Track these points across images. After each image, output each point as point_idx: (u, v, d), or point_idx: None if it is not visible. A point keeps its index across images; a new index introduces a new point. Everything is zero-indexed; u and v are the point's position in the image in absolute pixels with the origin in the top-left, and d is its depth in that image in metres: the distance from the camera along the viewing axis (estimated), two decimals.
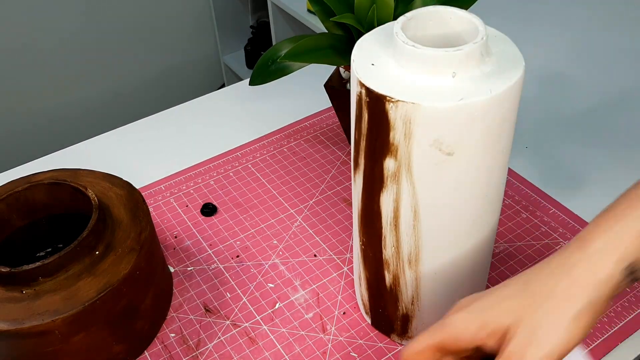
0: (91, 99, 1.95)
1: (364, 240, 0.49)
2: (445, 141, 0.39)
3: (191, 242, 0.65)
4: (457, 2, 0.65)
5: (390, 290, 0.50)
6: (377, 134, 0.41)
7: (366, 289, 0.53)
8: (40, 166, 0.76)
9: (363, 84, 0.40)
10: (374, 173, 0.43)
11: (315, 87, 0.86)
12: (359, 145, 0.44)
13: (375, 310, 0.54)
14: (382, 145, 0.41)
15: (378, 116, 0.40)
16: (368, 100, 0.40)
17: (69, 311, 0.45)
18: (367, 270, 0.51)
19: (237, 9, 2.08)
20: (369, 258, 0.49)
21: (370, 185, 0.45)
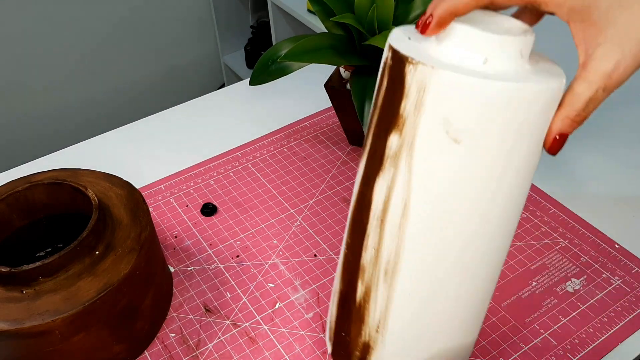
0: (91, 99, 1.95)
1: (349, 241, 0.44)
2: (455, 123, 0.35)
3: (191, 242, 0.65)
4: None
5: (359, 307, 0.44)
6: (390, 102, 0.38)
7: (336, 306, 0.48)
8: (40, 166, 0.76)
9: (392, 46, 0.37)
10: (377, 151, 0.40)
11: (315, 87, 0.86)
12: (371, 121, 0.41)
13: (338, 334, 0.48)
14: (391, 117, 0.38)
15: (396, 81, 0.37)
16: (391, 64, 0.37)
17: (69, 311, 0.45)
18: (342, 280, 0.46)
19: (237, 9, 2.08)
20: (348, 264, 0.45)
21: (369, 168, 0.41)
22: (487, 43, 0.36)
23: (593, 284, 0.58)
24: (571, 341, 0.54)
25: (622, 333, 0.54)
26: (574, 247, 0.62)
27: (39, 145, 1.90)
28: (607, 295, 0.57)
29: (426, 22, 0.37)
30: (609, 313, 0.56)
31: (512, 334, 0.54)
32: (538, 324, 0.55)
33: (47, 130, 1.92)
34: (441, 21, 0.36)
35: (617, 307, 0.56)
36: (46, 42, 1.77)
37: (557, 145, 0.37)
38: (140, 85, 2.03)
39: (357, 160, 0.74)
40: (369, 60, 0.67)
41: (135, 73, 2.00)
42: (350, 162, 0.74)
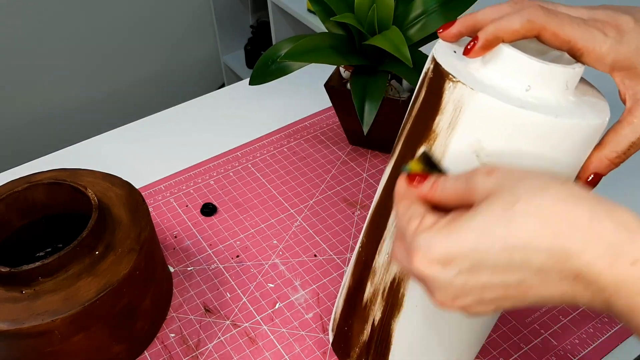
0: (91, 99, 1.95)
1: (364, 241, 0.46)
2: (487, 147, 0.35)
3: (191, 242, 0.65)
4: (458, 2, 0.65)
5: (365, 307, 0.45)
6: (425, 115, 0.38)
7: (344, 300, 0.49)
8: (40, 166, 0.76)
9: (435, 59, 0.37)
10: (404, 161, 0.40)
11: (315, 87, 0.86)
12: (403, 130, 0.41)
13: (340, 328, 0.50)
14: (423, 129, 0.38)
15: (434, 95, 0.37)
16: (432, 76, 0.37)
17: (69, 311, 0.45)
18: (353, 277, 0.47)
19: (237, 9, 2.08)
20: (360, 263, 0.46)
21: (395, 176, 0.41)
22: (533, 70, 0.35)
23: None
24: (571, 341, 0.54)
25: (622, 333, 0.54)
26: None
27: (39, 145, 1.90)
28: None
29: (471, 43, 0.37)
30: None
31: (512, 334, 0.54)
32: (538, 324, 0.55)
33: (47, 130, 1.91)
34: (486, 44, 0.36)
35: None
36: (46, 42, 1.77)
37: (591, 184, 0.38)
38: (140, 85, 2.03)
39: (357, 160, 0.74)
40: (369, 60, 0.67)
41: (135, 73, 2.00)
42: (350, 162, 0.74)
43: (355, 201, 0.69)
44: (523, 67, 0.35)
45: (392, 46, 0.61)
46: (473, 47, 0.36)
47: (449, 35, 0.39)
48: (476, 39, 0.36)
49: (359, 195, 0.69)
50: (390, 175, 0.42)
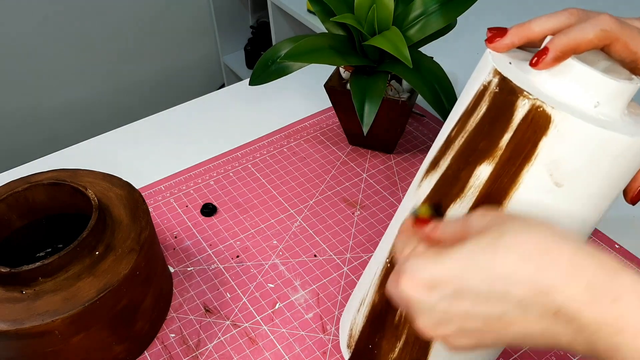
0: (91, 98, 1.95)
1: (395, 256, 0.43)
2: (564, 167, 0.34)
3: (191, 242, 0.65)
4: (458, 2, 0.65)
5: (397, 325, 0.44)
6: (487, 131, 0.36)
7: (365, 316, 0.46)
8: (40, 166, 0.76)
9: (499, 72, 0.35)
10: (457, 178, 0.38)
11: (315, 87, 0.86)
12: (451, 143, 0.39)
13: (363, 346, 0.47)
14: (486, 148, 0.36)
15: (502, 111, 0.35)
16: (497, 91, 0.35)
17: (69, 311, 0.45)
18: (379, 293, 0.44)
19: (237, 9, 2.07)
20: None
21: (442, 188, 0.39)
22: (604, 87, 0.34)
23: None
24: None
25: None
26: None
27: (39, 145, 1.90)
28: None
29: (541, 55, 0.36)
30: None
31: None
32: None
33: (47, 130, 1.91)
34: (560, 55, 0.35)
35: None
36: (47, 42, 1.77)
37: (638, 198, 0.38)
38: (140, 85, 2.03)
39: (357, 161, 0.74)
40: (369, 60, 0.67)
41: (136, 73, 2.00)
42: (350, 162, 0.74)
43: (355, 201, 0.69)
44: (594, 83, 0.34)
45: (392, 46, 0.61)
46: (543, 58, 0.35)
47: (501, 46, 0.38)
48: (546, 50, 0.35)
49: (359, 195, 0.69)
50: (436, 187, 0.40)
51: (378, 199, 0.68)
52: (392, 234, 0.44)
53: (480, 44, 0.95)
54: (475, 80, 0.38)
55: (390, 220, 0.66)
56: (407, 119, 0.74)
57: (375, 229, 0.65)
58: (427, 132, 0.78)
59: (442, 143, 0.40)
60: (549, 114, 0.33)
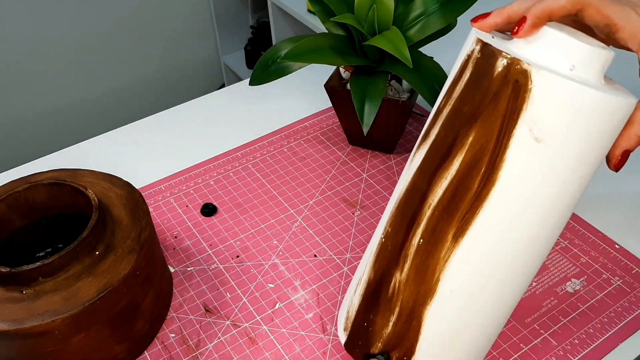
0: (91, 99, 1.95)
1: (389, 230, 0.44)
2: (541, 122, 0.36)
3: (191, 242, 0.65)
4: (458, 2, 0.65)
5: (390, 298, 0.44)
6: (471, 96, 0.39)
7: (361, 295, 0.47)
8: (40, 166, 0.76)
9: (481, 40, 0.38)
10: (444, 143, 0.40)
11: (315, 87, 0.86)
12: (439, 113, 0.41)
13: (358, 325, 0.47)
14: (470, 111, 0.39)
15: (481, 75, 0.38)
16: (479, 56, 0.38)
17: (69, 311, 0.45)
18: (374, 269, 0.46)
19: (237, 9, 2.08)
20: (385, 252, 0.44)
21: (432, 159, 0.41)
22: (578, 51, 0.37)
23: (593, 285, 0.58)
24: (571, 341, 0.54)
25: (622, 333, 0.54)
26: (574, 248, 0.62)
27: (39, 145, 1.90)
28: (607, 296, 0.57)
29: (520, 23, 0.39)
30: (609, 313, 0.56)
31: (512, 334, 0.54)
32: (538, 324, 0.55)
33: (47, 130, 1.91)
34: (537, 22, 0.38)
35: (617, 308, 0.56)
36: (46, 42, 1.77)
37: (622, 162, 0.40)
38: (140, 85, 2.03)
39: (357, 161, 0.74)
40: (369, 60, 0.67)
41: (136, 73, 2.00)
42: (350, 162, 0.74)
43: (355, 201, 0.69)
44: (569, 47, 0.37)
45: (392, 46, 0.61)
46: (522, 26, 0.39)
47: (485, 26, 0.41)
48: (524, 18, 0.39)
49: (359, 195, 0.69)
50: (426, 157, 0.42)
51: (378, 199, 0.69)
52: (387, 215, 0.45)
53: None
54: (461, 55, 0.41)
55: None
56: (407, 119, 0.74)
57: (375, 228, 0.65)
58: None
59: (433, 114, 0.42)
60: (526, 70, 0.36)
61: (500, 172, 0.38)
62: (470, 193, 0.39)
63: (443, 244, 0.41)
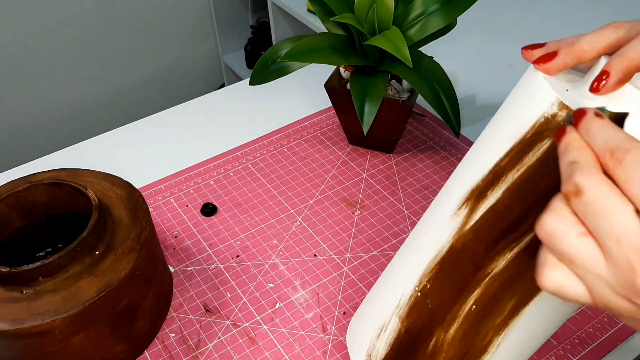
0: (91, 99, 1.95)
1: (428, 286, 0.41)
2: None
3: (191, 242, 0.65)
4: (458, 2, 0.65)
5: (430, 356, 0.42)
6: (552, 172, 0.33)
7: (389, 344, 0.44)
8: (40, 166, 0.76)
9: (566, 106, 0.33)
10: (511, 215, 0.36)
11: (315, 87, 0.86)
12: (502, 174, 0.36)
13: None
14: (549, 189, 0.34)
15: None
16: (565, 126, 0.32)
17: (69, 311, 0.45)
18: (407, 321, 0.43)
19: (237, 9, 2.08)
20: (423, 308, 0.41)
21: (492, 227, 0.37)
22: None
23: None
24: (571, 341, 0.54)
25: (622, 333, 0.54)
26: None
27: (39, 145, 1.90)
28: None
29: (602, 79, 0.33)
30: (609, 313, 0.56)
31: None
32: None
33: (47, 130, 1.91)
34: (622, 78, 0.33)
35: None
36: (46, 42, 1.77)
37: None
38: (140, 85, 2.03)
39: (357, 160, 0.74)
40: (369, 60, 0.67)
41: (135, 73, 2.00)
42: (350, 162, 0.74)
43: (355, 201, 0.69)
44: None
45: (392, 46, 0.61)
46: (605, 84, 0.33)
47: (554, 68, 0.36)
48: (607, 73, 0.33)
49: (359, 195, 0.69)
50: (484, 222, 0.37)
51: (378, 199, 0.69)
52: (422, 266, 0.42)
53: (480, 44, 0.96)
54: (528, 105, 0.35)
55: (390, 219, 0.66)
56: (407, 119, 0.74)
57: (375, 228, 0.65)
58: (427, 132, 0.78)
59: (488, 171, 0.37)
60: None
61: None
62: None
63: (500, 313, 0.39)
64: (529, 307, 0.38)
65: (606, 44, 0.35)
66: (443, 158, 0.73)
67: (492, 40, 0.96)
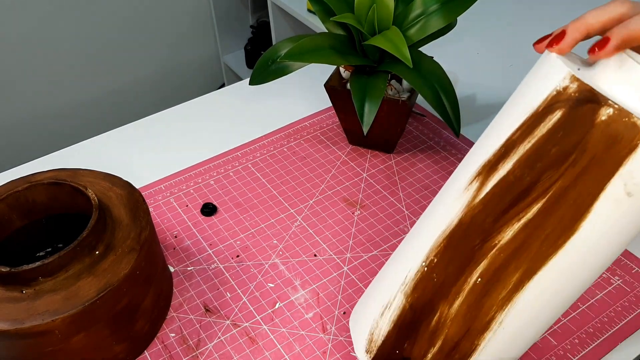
0: (91, 99, 1.95)
1: (435, 260, 0.42)
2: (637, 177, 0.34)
3: (191, 242, 0.65)
4: (458, 2, 0.65)
5: (433, 331, 0.42)
6: (562, 140, 0.35)
7: (393, 321, 0.44)
8: (40, 166, 0.76)
9: (577, 78, 0.34)
10: (521, 184, 0.37)
11: (315, 87, 0.86)
12: (513, 147, 0.37)
13: (388, 351, 0.45)
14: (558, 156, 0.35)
15: (578, 119, 0.34)
16: (576, 97, 0.34)
17: (69, 311, 0.45)
18: (412, 297, 0.43)
19: (237, 9, 2.08)
20: (428, 283, 0.42)
21: (501, 198, 0.38)
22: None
23: (593, 284, 0.58)
24: (571, 341, 0.54)
25: (622, 333, 0.54)
26: None
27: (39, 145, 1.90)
28: (607, 295, 0.57)
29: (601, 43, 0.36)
30: (609, 313, 0.56)
31: None
32: None
33: (47, 130, 1.92)
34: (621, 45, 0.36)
35: (617, 307, 0.56)
36: (46, 41, 1.77)
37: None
38: (140, 85, 2.03)
39: (357, 160, 0.74)
40: (369, 60, 0.67)
41: (136, 73, 2.00)
42: (350, 162, 0.74)
43: (355, 201, 0.69)
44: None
45: (392, 46, 0.61)
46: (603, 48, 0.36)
47: (566, 46, 0.38)
48: (607, 39, 0.36)
49: (359, 195, 0.69)
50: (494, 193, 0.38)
51: (378, 199, 0.69)
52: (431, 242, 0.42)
53: (480, 44, 0.96)
54: (541, 83, 0.37)
55: (390, 219, 0.66)
56: (407, 119, 0.74)
57: (375, 228, 0.65)
58: (427, 132, 0.78)
59: (500, 145, 0.38)
60: (635, 124, 0.33)
61: (583, 222, 0.36)
62: (544, 241, 0.37)
63: (504, 286, 0.39)
64: (532, 281, 0.38)
65: (610, 17, 0.37)
66: (443, 158, 0.73)
67: (492, 40, 0.96)
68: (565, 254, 0.37)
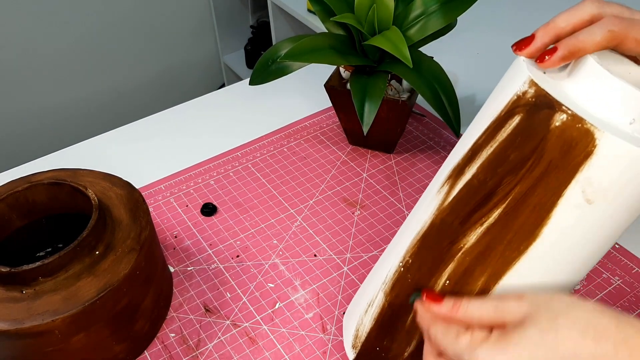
0: (91, 99, 1.95)
1: (410, 261, 0.42)
2: (597, 184, 0.34)
3: (191, 242, 0.65)
4: (458, 2, 0.65)
5: (408, 331, 0.43)
6: (519, 145, 0.35)
7: (374, 318, 0.45)
8: (40, 166, 0.76)
9: (536, 83, 0.35)
10: (484, 188, 0.37)
11: (315, 87, 0.86)
12: (478, 151, 0.38)
13: (369, 348, 0.46)
14: (517, 160, 0.35)
15: (535, 124, 0.34)
16: (533, 102, 0.35)
17: (69, 311, 0.45)
18: (391, 295, 0.44)
19: (237, 9, 2.08)
20: (404, 282, 0.43)
21: (467, 200, 0.38)
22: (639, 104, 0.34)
23: (593, 284, 0.58)
24: None
25: None
26: None
27: (39, 145, 1.90)
28: (607, 295, 0.57)
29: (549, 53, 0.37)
30: None
31: None
32: None
33: (47, 130, 1.92)
34: (567, 56, 0.36)
35: (617, 307, 0.56)
36: (46, 41, 1.77)
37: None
38: (140, 85, 2.03)
39: (357, 160, 0.74)
40: (369, 60, 0.67)
41: (135, 73, 2.00)
42: (350, 162, 0.74)
43: (355, 201, 0.69)
44: (633, 99, 0.34)
45: (392, 46, 0.61)
46: (550, 57, 0.36)
47: (533, 52, 0.38)
48: (555, 49, 0.36)
49: (359, 195, 0.69)
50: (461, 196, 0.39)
51: (378, 199, 0.69)
52: (407, 243, 0.43)
53: (480, 43, 0.96)
54: (507, 87, 0.37)
55: (390, 219, 0.66)
56: (407, 119, 0.74)
57: (375, 228, 0.65)
58: (427, 132, 0.78)
59: (468, 149, 0.39)
60: (589, 131, 0.33)
61: (543, 229, 0.36)
62: (507, 245, 0.37)
63: (471, 290, 0.40)
64: (498, 286, 0.39)
65: (580, 19, 0.38)
66: (443, 158, 0.73)
67: (492, 40, 0.96)
68: (528, 260, 0.37)
